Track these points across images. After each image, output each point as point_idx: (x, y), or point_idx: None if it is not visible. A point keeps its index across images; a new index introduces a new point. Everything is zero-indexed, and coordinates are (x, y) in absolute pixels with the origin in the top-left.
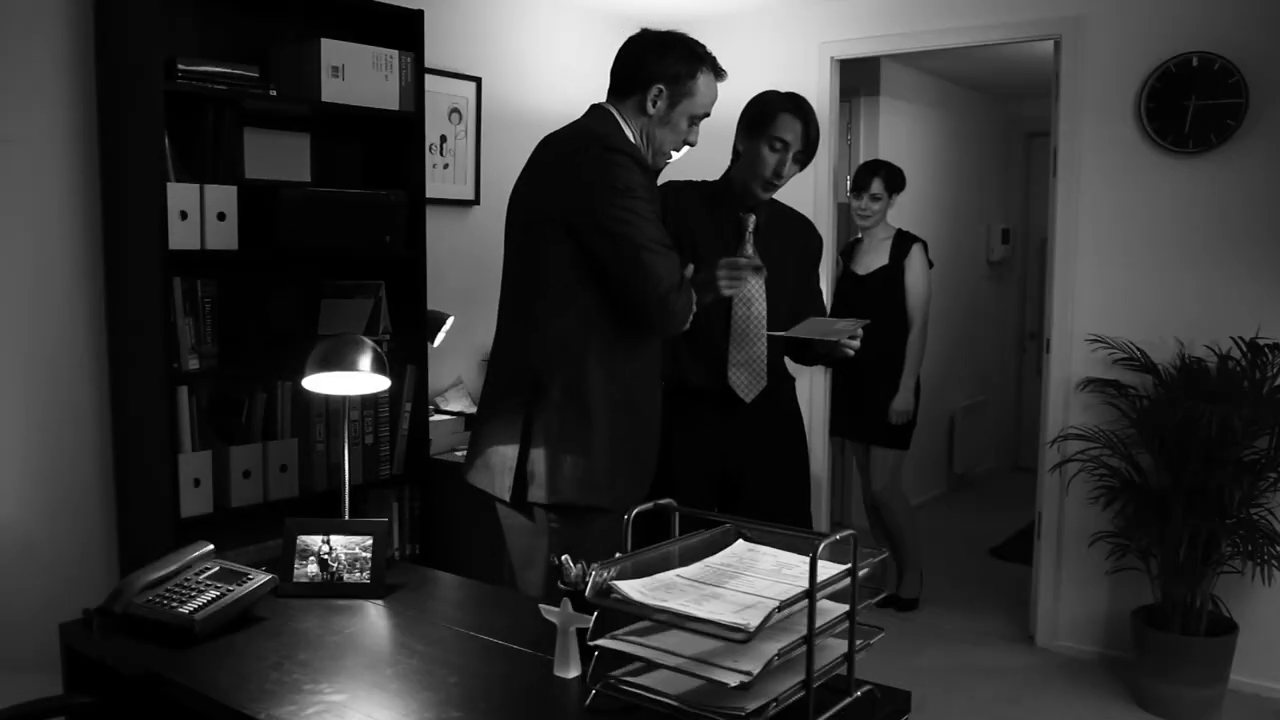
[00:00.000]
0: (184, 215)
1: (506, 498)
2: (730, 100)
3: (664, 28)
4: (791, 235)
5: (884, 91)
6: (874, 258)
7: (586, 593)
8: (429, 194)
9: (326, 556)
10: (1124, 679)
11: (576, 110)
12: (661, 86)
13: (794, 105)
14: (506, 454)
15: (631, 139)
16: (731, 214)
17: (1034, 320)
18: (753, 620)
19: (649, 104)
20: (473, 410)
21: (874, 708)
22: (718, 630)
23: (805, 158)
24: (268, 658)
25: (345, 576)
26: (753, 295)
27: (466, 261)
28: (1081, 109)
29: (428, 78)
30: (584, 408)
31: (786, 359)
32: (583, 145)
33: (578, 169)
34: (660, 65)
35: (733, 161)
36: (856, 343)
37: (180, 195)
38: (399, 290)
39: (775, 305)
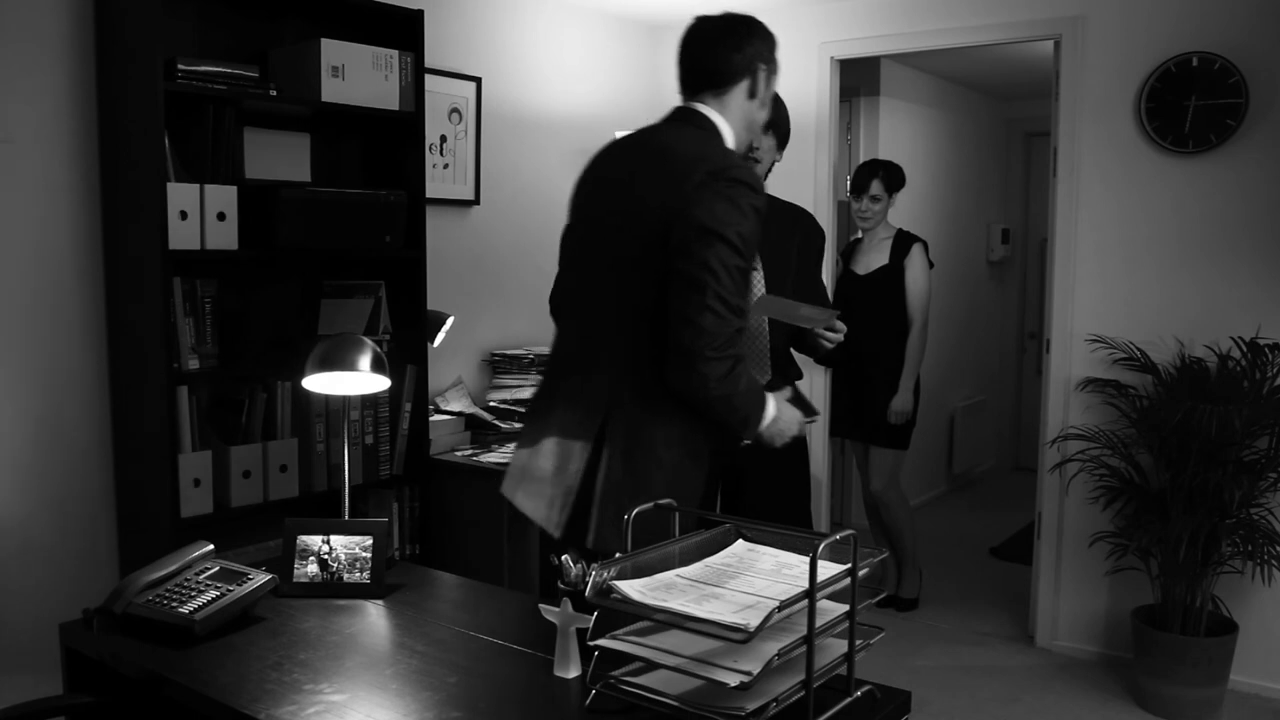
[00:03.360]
0: (184, 215)
1: (556, 535)
2: None
3: (687, 20)
4: (791, 225)
5: (884, 91)
6: (874, 257)
7: (586, 593)
8: (429, 194)
9: (326, 556)
10: (1124, 679)
11: (577, 110)
12: (763, 65)
13: None
14: (560, 489)
15: (731, 141)
16: None
17: (1034, 320)
18: (753, 620)
19: (760, 87)
20: (472, 410)
21: (874, 708)
22: (718, 630)
23: (778, 131)
24: (268, 658)
25: (345, 576)
26: (754, 287)
27: (466, 261)
28: (1081, 109)
29: (428, 78)
30: (651, 455)
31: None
32: (700, 174)
33: (689, 203)
34: (757, 46)
35: None
36: (838, 335)
37: (180, 195)
38: (399, 290)
39: (777, 293)
